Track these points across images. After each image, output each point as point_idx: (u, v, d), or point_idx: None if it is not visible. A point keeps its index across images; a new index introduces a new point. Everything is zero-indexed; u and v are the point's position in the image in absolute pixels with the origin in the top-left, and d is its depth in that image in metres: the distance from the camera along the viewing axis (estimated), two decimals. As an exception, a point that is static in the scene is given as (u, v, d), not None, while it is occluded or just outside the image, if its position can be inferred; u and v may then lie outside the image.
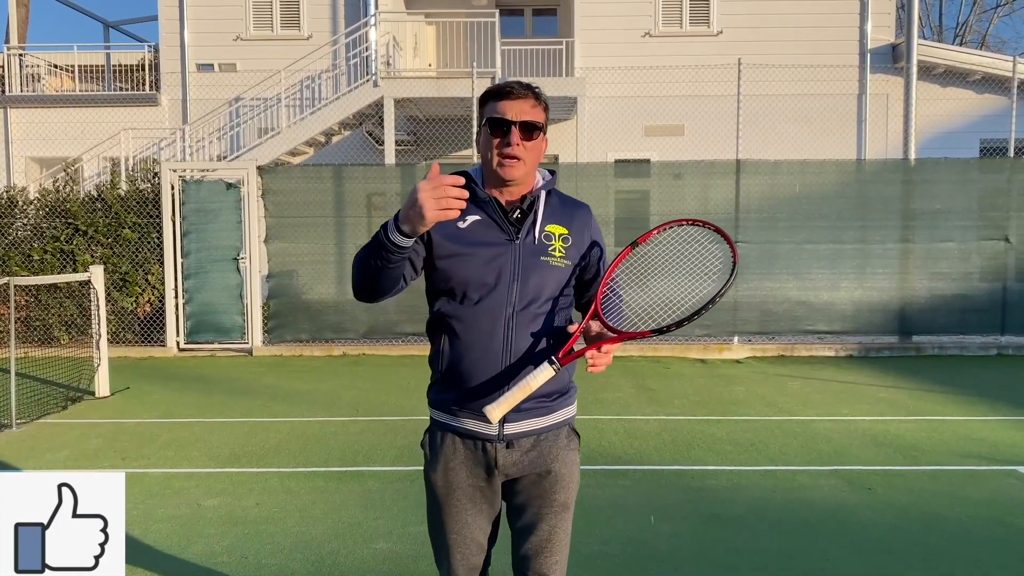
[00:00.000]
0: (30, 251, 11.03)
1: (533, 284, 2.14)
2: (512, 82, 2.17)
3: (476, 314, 2.12)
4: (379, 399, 7.96)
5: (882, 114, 14.45)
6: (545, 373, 2.02)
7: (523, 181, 2.19)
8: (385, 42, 14.27)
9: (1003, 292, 10.80)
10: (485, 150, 2.17)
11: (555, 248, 2.18)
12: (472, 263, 2.11)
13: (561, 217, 2.24)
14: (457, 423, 2.20)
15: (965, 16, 29.34)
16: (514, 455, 2.18)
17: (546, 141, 2.22)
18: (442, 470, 2.21)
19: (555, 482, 2.21)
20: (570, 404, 2.31)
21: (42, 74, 16.95)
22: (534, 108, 2.14)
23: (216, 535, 4.31)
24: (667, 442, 6.23)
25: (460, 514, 2.20)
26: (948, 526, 4.40)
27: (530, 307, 2.14)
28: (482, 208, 2.18)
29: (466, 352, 2.13)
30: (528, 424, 2.18)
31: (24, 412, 7.10)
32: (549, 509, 2.22)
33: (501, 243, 2.15)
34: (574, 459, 2.27)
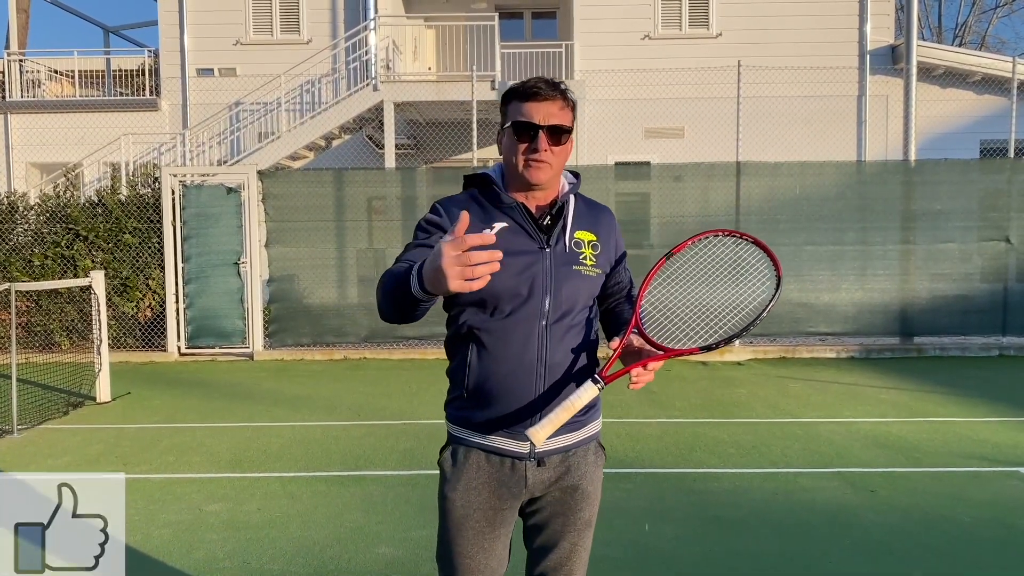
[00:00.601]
0: (31, 256, 11.03)
1: (566, 294, 2.04)
2: (539, 81, 2.04)
3: (508, 327, 2.00)
4: (380, 403, 7.96)
5: (882, 115, 14.46)
6: (589, 392, 1.91)
7: (549, 185, 2.09)
8: (385, 46, 14.30)
9: (1004, 293, 10.79)
10: (509, 153, 2.07)
11: (586, 256, 2.09)
12: (504, 274, 1.89)
13: (588, 222, 2.15)
14: (485, 440, 2.07)
15: (964, 17, 29.36)
16: (545, 473, 2.08)
17: (572, 141, 2.12)
18: (463, 490, 2.07)
19: (581, 499, 2.13)
20: (597, 418, 2.21)
21: (42, 79, 16.96)
22: (562, 110, 2.03)
23: (218, 541, 4.31)
24: (669, 445, 6.22)
25: (477, 538, 2.07)
26: (950, 528, 4.39)
27: (563, 319, 2.04)
28: (508, 214, 2.07)
29: (497, 367, 2.01)
30: (559, 441, 2.07)
31: (25, 418, 7.10)
32: (572, 527, 2.13)
33: (533, 251, 2.03)
34: (600, 476, 2.19)
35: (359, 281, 11.16)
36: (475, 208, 2.09)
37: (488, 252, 1.59)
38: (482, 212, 2.08)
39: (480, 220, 2.05)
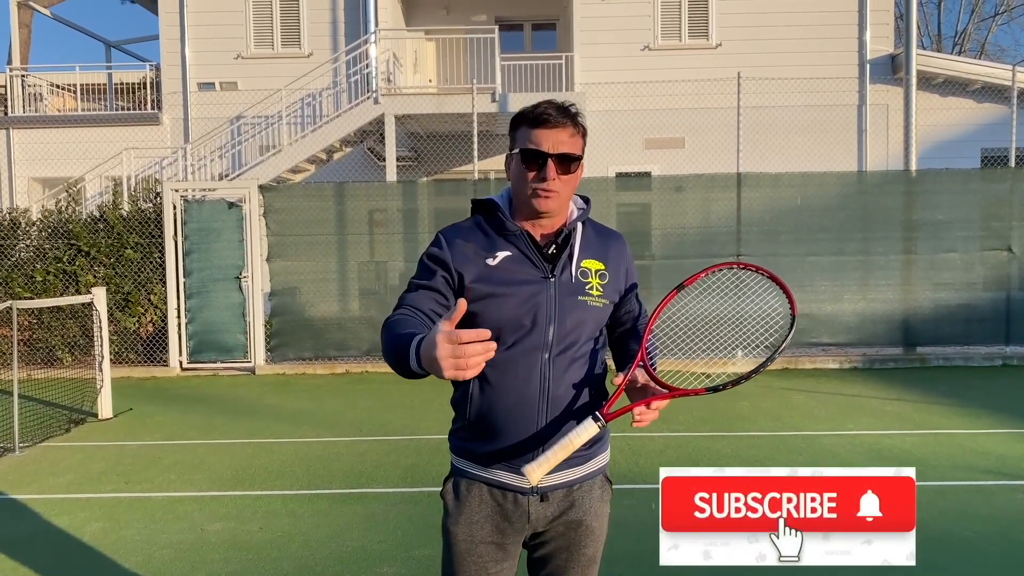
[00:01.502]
0: (33, 272, 11.04)
1: (571, 325, 1.99)
2: (550, 107, 1.99)
3: (510, 358, 1.95)
4: (383, 418, 7.95)
5: (882, 125, 14.46)
6: (589, 431, 1.88)
7: (557, 213, 2.04)
8: (385, 59, 14.33)
9: (1007, 302, 10.77)
10: (517, 180, 2.02)
11: (592, 286, 2.03)
12: (507, 304, 1.94)
13: (597, 250, 2.10)
14: (487, 474, 2.04)
15: (964, 24, 29.41)
16: (548, 508, 2.05)
17: (583, 167, 2.07)
18: (465, 523, 2.05)
19: (585, 535, 2.10)
20: (605, 451, 2.18)
21: (44, 94, 17.02)
22: (572, 138, 2.00)
23: (219, 561, 4.29)
24: (672, 459, 6.21)
25: (480, 572, 2.04)
26: (955, 543, 4.37)
27: (568, 351, 1.99)
28: (512, 242, 2.03)
29: (499, 399, 1.97)
30: (563, 475, 2.04)
31: (27, 435, 7.09)
32: (576, 563, 2.10)
33: (537, 281, 1.99)
34: (606, 512, 2.16)
35: (361, 294, 11.17)
36: (479, 235, 2.06)
37: (482, 345, 1.60)
38: (486, 239, 2.05)
39: (484, 248, 2.03)
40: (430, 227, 11.04)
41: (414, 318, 1.93)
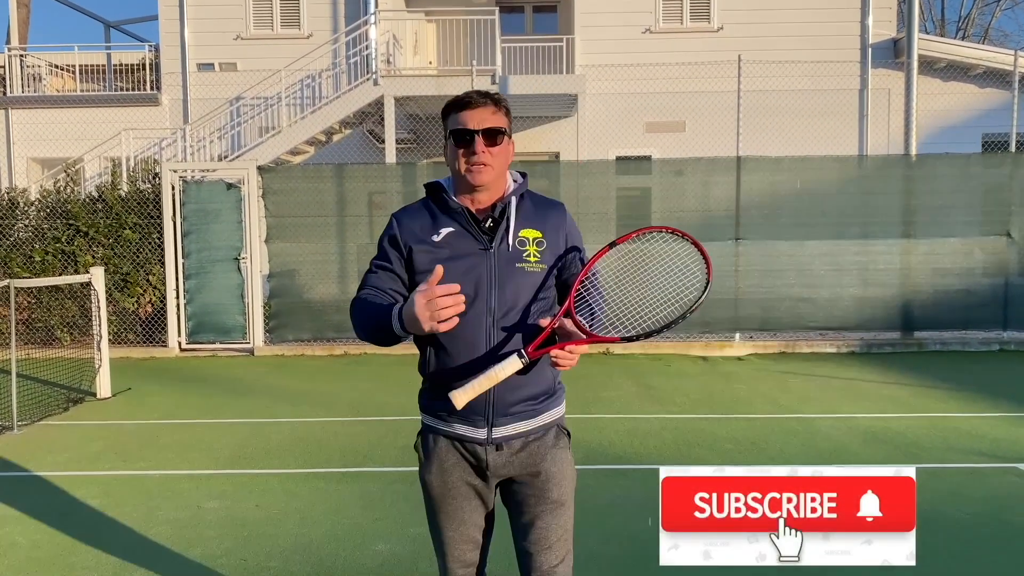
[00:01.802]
0: (31, 252, 11.04)
1: (510, 291, 2.18)
2: (471, 92, 2.22)
3: (459, 325, 2.08)
4: (380, 399, 7.97)
5: (883, 109, 14.41)
6: (512, 364, 2.06)
7: (492, 186, 2.23)
8: (385, 40, 14.27)
9: (1005, 287, 10.76)
10: (452, 160, 2.22)
11: (529, 253, 2.21)
12: (449, 275, 2.08)
13: (535, 220, 2.27)
14: (448, 427, 2.27)
15: (967, 9, 29.24)
16: (503, 457, 2.23)
17: (512, 144, 2.27)
18: (437, 471, 2.28)
19: (546, 480, 2.25)
20: (557, 405, 2.33)
21: (43, 74, 16.97)
22: (495, 114, 2.19)
23: (216, 538, 4.32)
24: (668, 441, 6.22)
25: (456, 512, 2.27)
26: (948, 524, 4.39)
27: (509, 313, 2.17)
28: (454, 218, 2.23)
29: (451, 361, 2.18)
30: (515, 427, 2.23)
31: (25, 414, 7.12)
32: (544, 507, 2.25)
33: (476, 253, 2.19)
34: (564, 456, 2.30)
35: (360, 276, 11.10)
36: (426, 215, 2.29)
37: (452, 297, 1.94)
38: (431, 218, 2.27)
39: (430, 225, 2.26)
40: (429, 209, 11.00)
41: (381, 297, 2.24)
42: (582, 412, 7.16)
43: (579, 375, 9.01)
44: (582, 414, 7.08)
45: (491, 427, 2.21)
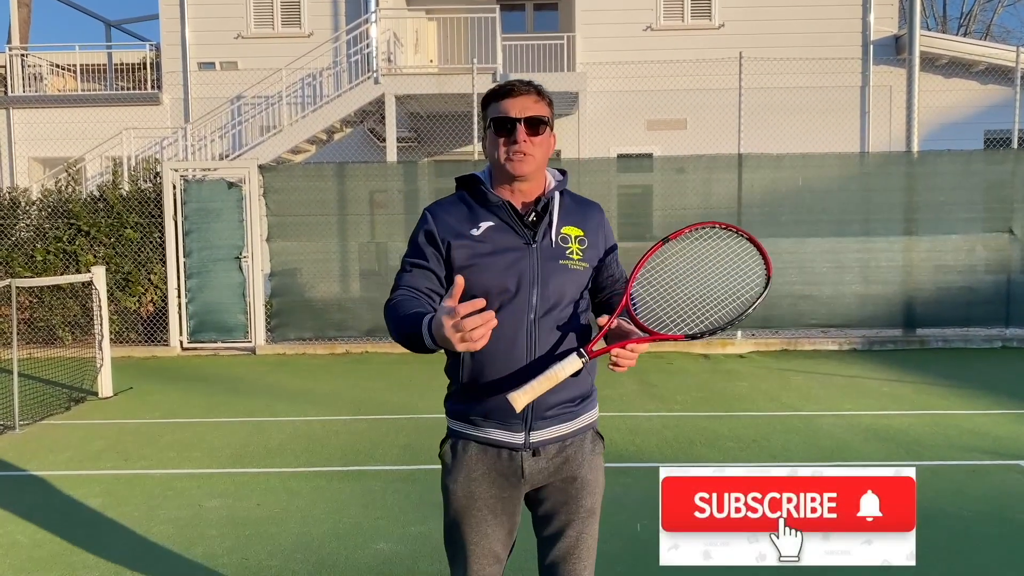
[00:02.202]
0: (33, 252, 11.05)
1: (553, 288, 2.09)
2: (513, 80, 2.13)
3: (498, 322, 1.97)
4: (382, 397, 7.97)
5: (885, 106, 14.37)
6: (573, 364, 1.96)
7: (534, 179, 2.16)
8: (386, 39, 14.26)
9: (1007, 284, 10.75)
10: (492, 149, 2.13)
11: (573, 251, 2.14)
12: (490, 270, 2.05)
13: (576, 218, 2.20)
14: (481, 433, 2.14)
15: (969, 6, 29.17)
16: (540, 463, 2.13)
17: (554, 137, 2.18)
18: (463, 480, 2.15)
19: (581, 488, 2.17)
20: (593, 408, 2.26)
21: (44, 74, 16.97)
22: (537, 103, 2.10)
23: (217, 536, 4.32)
24: (669, 439, 6.22)
25: (480, 525, 2.14)
26: (950, 522, 4.38)
27: (551, 312, 2.09)
28: (494, 212, 2.14)
29: (488, 361, 2.07)
30: (553, 431, 2.13)
31: (27, 413, 7.12)
32: (576, 516, 2.17)
33: (518, 248, 2.10)
34: (599, 464, 2.24)
35: (361, 275, 11.16)
36: (463, 208, 2.18)
37: (480, 316, 1.77)
38: (469, 212, 2.16)
39: (468, 219, 2.14)
40: (431, 208, 11.01)
41: (415, 299, 2.09)
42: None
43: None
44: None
45: (529, 431, 2.11)
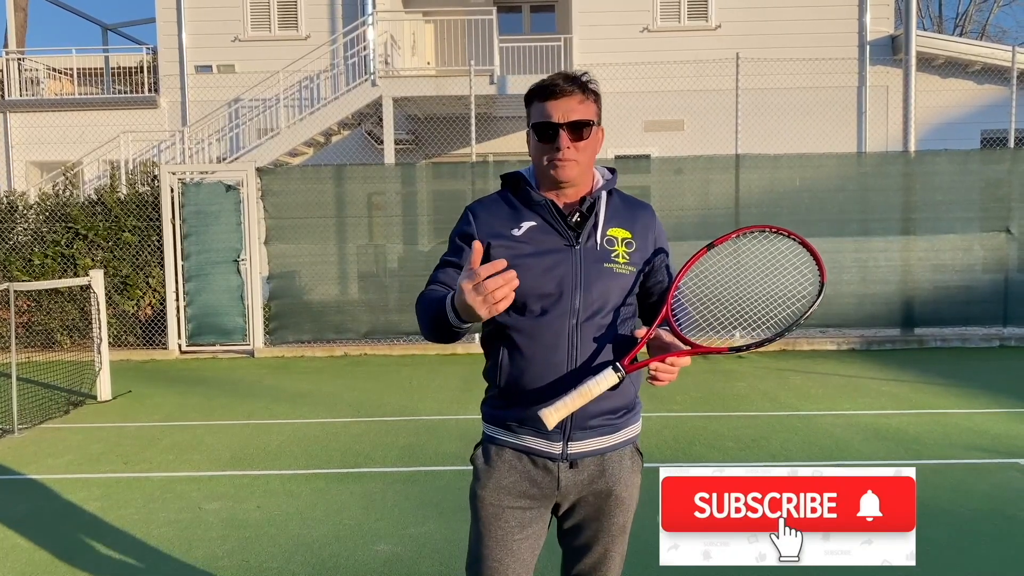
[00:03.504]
0: (31, 256, 11.04)
1: (597, 293, 2.00)
2: (557, 77, 2.00)
3: (538, 326, 1.98)
4: (381, 399, 7.96)
5: (882, 106, 14.40)
6: (608, 379, 1.89)
7: (579, 181, 2.06)
8: (383, 41, 14.27)
9: (1005, 283, 10.77)
10: (536, 153, 2.04)
11: (618, 254, 2.04)
12: (531, 272, 1.95)
13: (624, 219, 2.10)
14: (516, 440, 2.06)
15: (965, 6, 29.25)
16: (578, 475, 2.05)
17: (602, 132, 2.08)
18: (493, 488, 2.06)
19: (616, 505, 2.10)
20: (636, 421, 2.16)
21: (41, 78, 16.94)
22: (582, 104, 1.99)
23: (217, 539, 4.31)
24: (668, 439, 6.22)
25: (506, 538, 2.04)
26: (950, 520, 4.39)
27: (595, 317, 2.00)
28: (537, 212, 2.05)
29: (528, 366, 1.99)
30: (593, 443, 2.05)
31: (26, 417, 7.11)
32: (607, 532, 2.11)
33: (560, 249, 2.01)
34: (637, 482, 2.16)
35: (359, 277, 11.16)
36: (504, 208, 2.10)
37: (502, 276, 1.70)
38: (512, 211, 2.08)
39: (510, 218, 2.06)
40: (429, 210, 11.03)
41: (443, 292, 1.97)
42: (583, 411, 7.16)
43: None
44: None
45: (567, 441, 2.02)
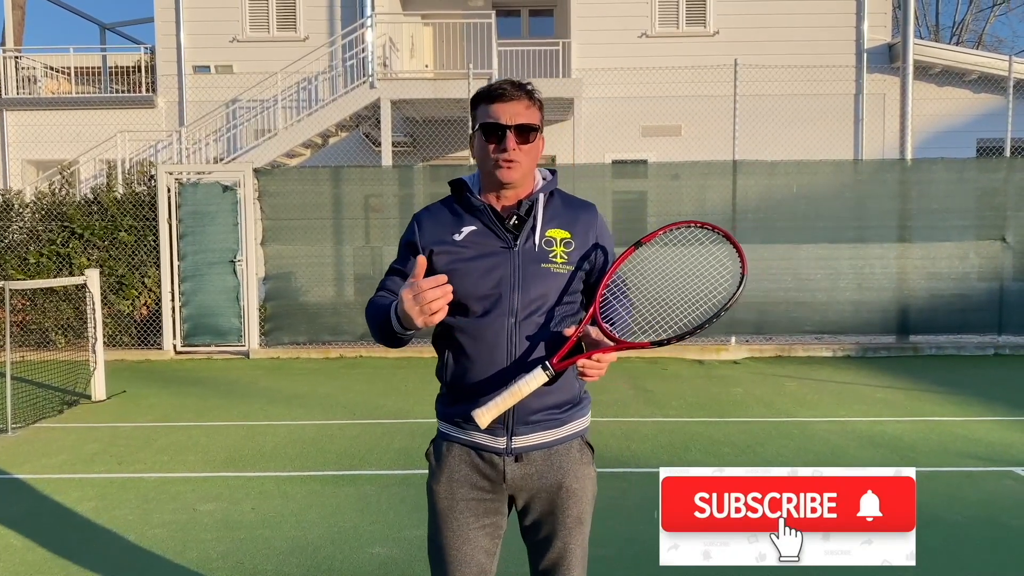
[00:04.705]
0: (26, 254, 11.01)
1: (535, 292, 2.06)
2: (504, 83, 2.07)
3: (479, 326, 2.05)
4: (376, 401, 7.95)
5: (879, 114, 14.44)
6: (537, 379, 1.95)
7: (521, 184, 2.12)
8: (382, 43, 14.27)
9: (1000, 292, 10.80)
10: (480, 155, 2.10)
11: (556, 254, 2.09)
12: (471, 275, 2.04)
13: (563, 220, 2.16)
14: (464, 435, 2.13)
15: (962, 15, 29.38)
16: (523, 469, 2.11)
17: (543, 140, 2.15)
18: (446, 481, 2.13)
19: (568, 497, 2.14)
20: (582, 416, 2.20)
21: (38, 76, 16.92)
22: (528, 109, 2.06)
23: (211, 540, 4.30)
24: (664, 444, 6.22)
25: (462, 529, 2.11)
26: (944, 527, 4.40)
27: (533, 316, 2.06)
28: (477, 217, 2.12)
29: (471, 365, 2.07)
30: (537, 437, 2.10)
31: (20, 416, 7.09)
32: (563, 525, 2.15)
33: (499, 252, 2.08)
34: (588, 473, 2.19)
35: (356, 279, 11.15)
36: (447, 214, 2.18)
37: (440, 289, 1.85)
38: (454, 216, 2.16)
39: (452, 224, 2.14)
40: (425, 212, 11.01)
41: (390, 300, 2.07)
42: (578, 415, 7.16)
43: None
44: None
45: (511, 436, 2.08)
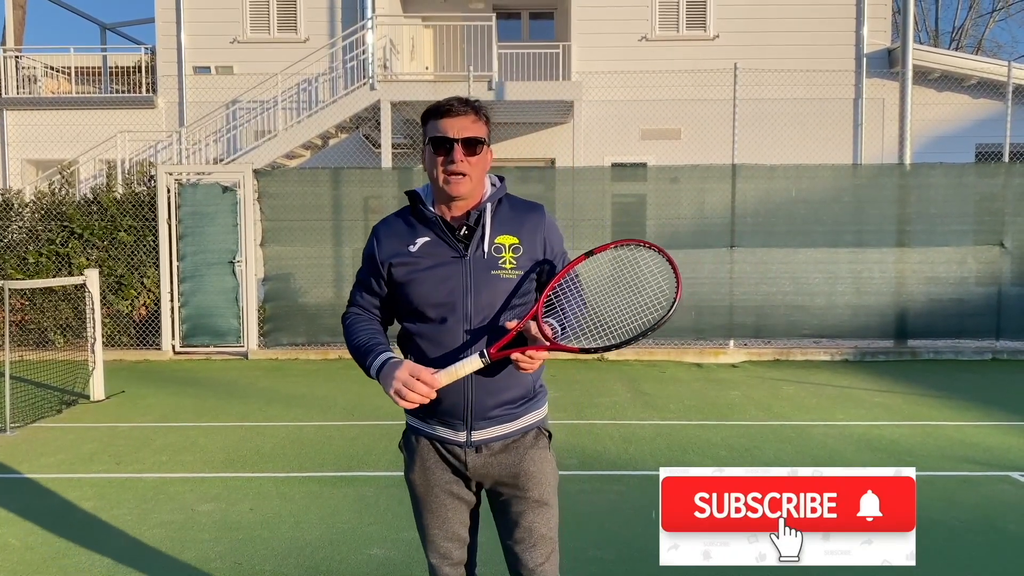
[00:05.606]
0: (25, 254, 11.01)
1: (486, 298, 2.20)
2: (452, 99, 2.21)
3: (438, 332, 2.21)
4: (375, 403, 7.95)
5: (878, 118, 14.47)
6: (473, 363, 2.09)
7: (470, 195, 2.24)
8: (382, 45, 14.29)
9: (998, 296, 10.82)
10: (430, 167, 2.23)
11: (505, 260, 2.23)
12: (426, 284, 2.19)
13: (511, 226, 2.28)
14: (429, 429, 2.31)
15: (961, 20, 29.39)
16: (483, 458, 2.28)
17: (491, 153, 2.27)
18: (420, 470, 2.33)
19: (527, 480, 2.29)
20: (538, 408, 2.36)
21: (38, 76, 16.93)
22: (475, 123, 2.19)
23: (210, 541, 4.31)
24: (662, 447, 6.23)
25: (440, 509, 2.33)
26: (941, 532, 4.40)
27: (486, 321, 2.20)
28: (430, 228, 2.26)
29: (431, 366, 2.18)
30: (495, 431, 2.27)
31: (19, 416, 7.09)
32: (525, 506, 2.30)
33: (451, 262, 2.21)
34: (544, 456, 2.33)
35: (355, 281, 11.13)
36: (403, 226, 2.32)
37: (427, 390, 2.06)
38: (409, 229, 2.30)
39: (407, 236, 2.29)
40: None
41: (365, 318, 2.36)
42: (576, 417, 7.17)
43: (573, 380, 9.02)
44: (576, 419, 7.09)
45: (470, 431, 2.25)
